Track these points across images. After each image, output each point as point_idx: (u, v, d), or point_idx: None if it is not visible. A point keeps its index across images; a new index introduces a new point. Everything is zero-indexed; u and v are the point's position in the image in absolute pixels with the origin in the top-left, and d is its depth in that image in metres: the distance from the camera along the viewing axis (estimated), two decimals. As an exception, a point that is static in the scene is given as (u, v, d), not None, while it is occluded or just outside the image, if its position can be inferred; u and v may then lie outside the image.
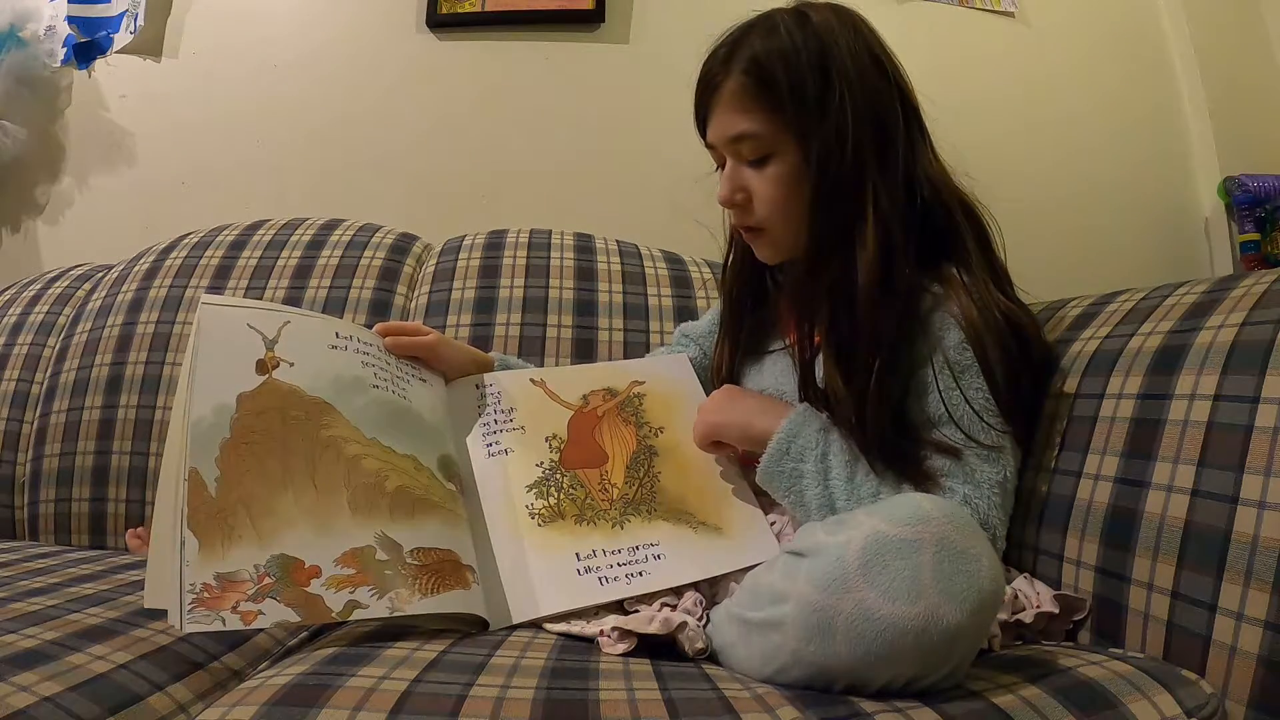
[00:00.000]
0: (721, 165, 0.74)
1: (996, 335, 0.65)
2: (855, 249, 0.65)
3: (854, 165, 0.65)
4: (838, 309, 0.66)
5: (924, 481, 0.64)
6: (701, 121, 0.75)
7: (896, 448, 0.64)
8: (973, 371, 0.65)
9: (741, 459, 0.75)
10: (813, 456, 0.66)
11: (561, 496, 0.71)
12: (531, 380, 0.81)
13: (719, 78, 0.70)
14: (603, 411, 0.78)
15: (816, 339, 0.70)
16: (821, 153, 0.65)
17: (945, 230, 0.69)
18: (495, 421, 0.76)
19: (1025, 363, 0.67)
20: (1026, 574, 0.66)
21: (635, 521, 0.69)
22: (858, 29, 0.70)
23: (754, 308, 0.84)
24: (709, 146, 0.76)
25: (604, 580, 0.64)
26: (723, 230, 0.84)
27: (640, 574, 0.65)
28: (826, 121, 0.65)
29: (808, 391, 0.70)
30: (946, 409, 0.64)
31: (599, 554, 0.66)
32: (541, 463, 0.73)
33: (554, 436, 0.75)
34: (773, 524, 0.71)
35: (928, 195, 0.68)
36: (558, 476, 0.72)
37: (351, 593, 0.55)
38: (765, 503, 0.72)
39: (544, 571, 0.65)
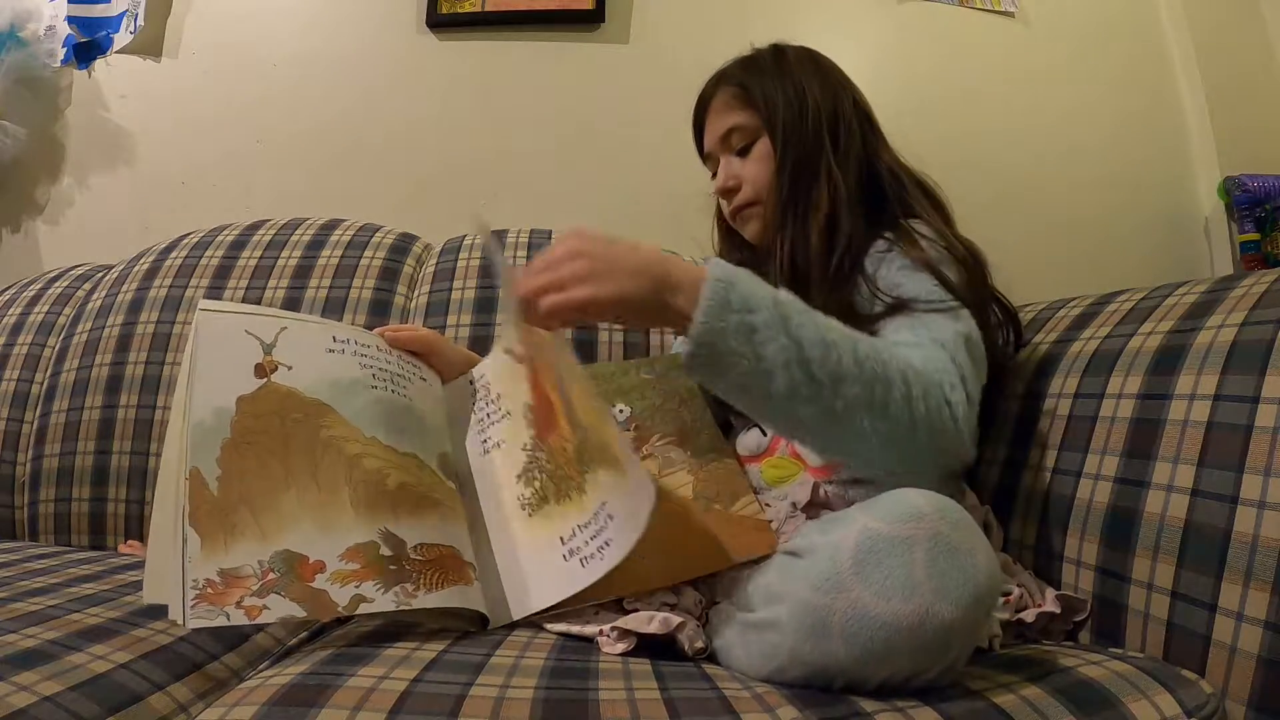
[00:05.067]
0: (715, 174, 0.86)
1: (955, 259, 0.71)
2: (811, 210, 0.76)
3: (812, 146, 0.78)
4: (794, 252, 0.76)
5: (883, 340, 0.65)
6: (699, 137, 0.89)
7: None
8: (924, 274, 0.69)
9: None
10: (765, 305, 0.55)
11: (544, 479, 0.68)
12: (504, 350, 0.77)
13: (709, 96, 0.86)
14: (529, 357, 0.72)
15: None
16: (785, 135, 0.79)
17: (902, 200, 0.79)
18: (488, 415, 0.75)
19: (985, 288, 0.74)
20: (1031, 571, 0.66)
21: (590, 478, 0.63)
22: (816, 57, 0.85)
23: None
24: (706, 158, 0.89)
25: (584, 561, 0.60)
26: (712, 245, 0.93)
27: (606, 543, 0.59)
28: (789, 115, 0.79)
29: None
30: (891, 297, 0.68)
31: (577, 532, 0.62)
32: (526, 444, 0.70)
33: (528, 405, 0.72)
34: (770, 522, 0.70)
35: (885, 176, 0.79)
36: (539, 456, 0.69)
37: (357, 587, 0.55)
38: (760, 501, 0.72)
39: (534, 566, 0.64)
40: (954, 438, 0.60)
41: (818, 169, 0.77)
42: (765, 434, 0.79)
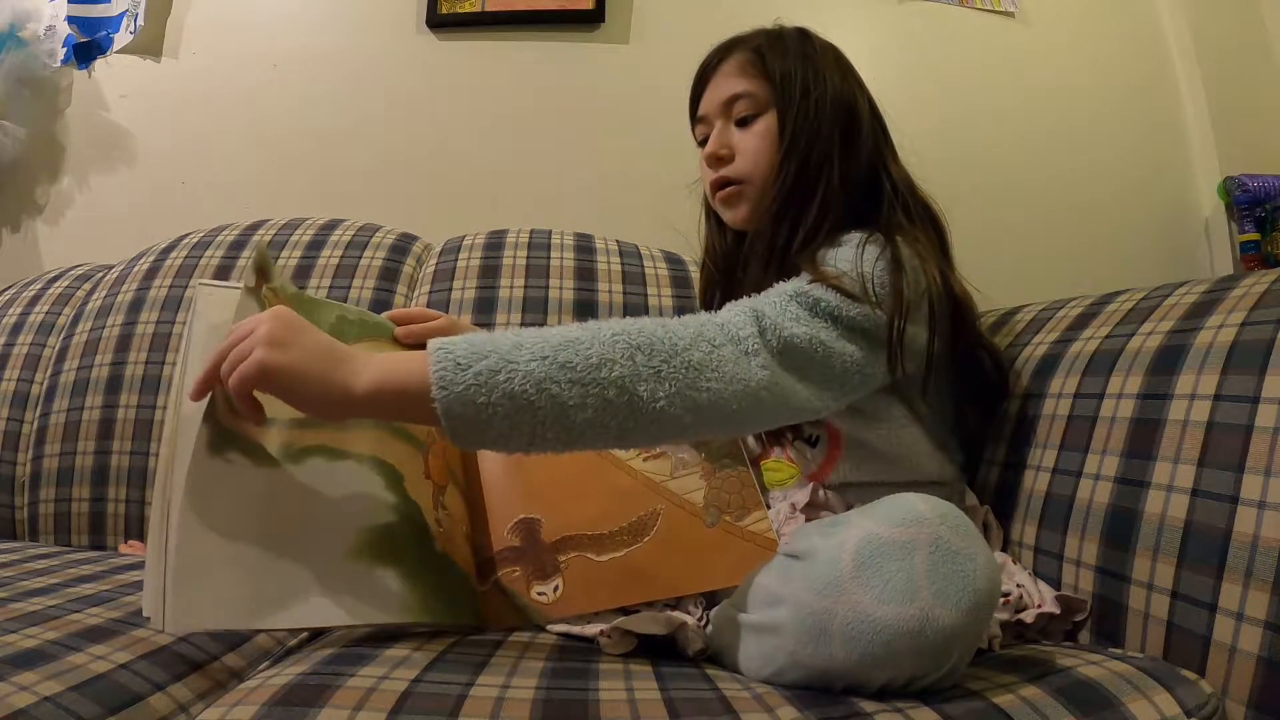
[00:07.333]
0: (703, 143, 0.82)
1: (916, 280, 0.67)
2: (806, 210, 0.73)
3: (823, 137, 0.74)
4: (788, 241, 0.73)
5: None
6: (695, 101, 0.83)
7: None
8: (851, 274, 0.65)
9: None
10: (492, 345, 0.52)
11: None
12: None
13: (720, 59, 0.81)
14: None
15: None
16: (796, 119, 0.75)
17: (900, 218, 0.74)
18: None
19: (958, 326, 0.71)
20: (1031, 571, 0.66)
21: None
22: (841, 57, 0.81)
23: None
24: (698, 122, 0.83)
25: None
26: (698, 237, 0.90)
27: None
28: (806, 101, 0.75)
29: None
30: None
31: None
32: None
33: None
34: (767, 520, 0.70)
35: (889, 189, 0.75)
36: None
37: None
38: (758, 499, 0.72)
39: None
40: (745, 373, 0.56)
41: (823, 164, 0.74)
42: (759, 436, 0.79)
